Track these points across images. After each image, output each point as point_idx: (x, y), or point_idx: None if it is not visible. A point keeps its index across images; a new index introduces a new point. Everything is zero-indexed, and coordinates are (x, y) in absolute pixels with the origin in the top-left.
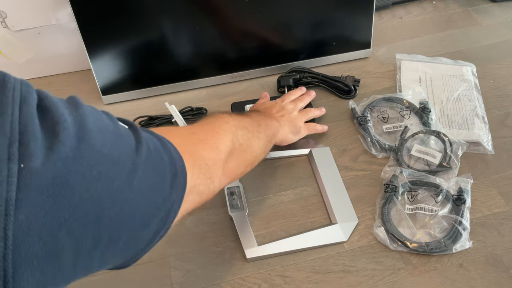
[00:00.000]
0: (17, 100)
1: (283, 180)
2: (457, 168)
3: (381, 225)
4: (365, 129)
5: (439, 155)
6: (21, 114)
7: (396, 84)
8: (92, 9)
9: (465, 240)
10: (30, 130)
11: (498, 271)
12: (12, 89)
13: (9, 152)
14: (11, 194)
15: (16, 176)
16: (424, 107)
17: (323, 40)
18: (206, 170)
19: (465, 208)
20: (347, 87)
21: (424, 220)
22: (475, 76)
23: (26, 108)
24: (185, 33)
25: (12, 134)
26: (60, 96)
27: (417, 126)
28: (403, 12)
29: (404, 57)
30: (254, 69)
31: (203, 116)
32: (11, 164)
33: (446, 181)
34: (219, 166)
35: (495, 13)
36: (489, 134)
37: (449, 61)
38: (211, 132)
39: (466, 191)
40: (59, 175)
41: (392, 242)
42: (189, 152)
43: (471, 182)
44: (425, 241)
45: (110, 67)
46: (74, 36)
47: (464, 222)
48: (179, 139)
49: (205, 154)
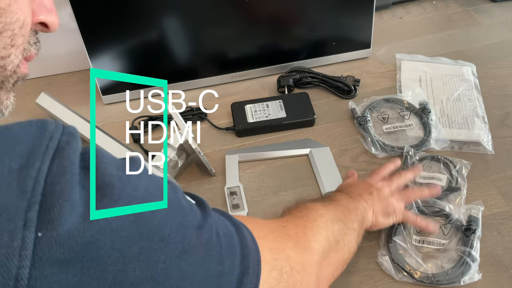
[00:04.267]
0: (51, 151)
1: (283, 180)
2: (465, 187)
3: (386, 253)
4: (365, 129)
5: (444, 177)
6: (51, 169)
7: (396, 84)
8: (92, 9)
9: (474, 272)
10: (57, 190)
11: (498, 271)
12: (49, 137)
13: (26, 217)
14: (23, 272)
15: (32, 248)
16: (424, 108)
17: (323, 40)
18: (290, 276)
19: (475, 238)
20: (347, 87)
21: (431, 251)
22: (475, 76)
23: (59, 161)
24: (185, 33)
25: (34, 195)
26: (60, 96)
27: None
28: (403, 12)
29: (404, 57)
30: (254, 69)
31: (203, 116)
32: (26, 232)
33: (456, 208)
34: (311, 271)
35: (495, 13)
36: (489, 134)
37: (449, 61)
38: (303, 228)
39: (476, 220)
40: (90, 249)
41: (397, 272)
42: (271, 249)
43: (482, 209)
44: (432, 272)
45: (110, 67)
46: (74, 36)
47: (473, 254)
48: (261, 230)
49: (292, 255)
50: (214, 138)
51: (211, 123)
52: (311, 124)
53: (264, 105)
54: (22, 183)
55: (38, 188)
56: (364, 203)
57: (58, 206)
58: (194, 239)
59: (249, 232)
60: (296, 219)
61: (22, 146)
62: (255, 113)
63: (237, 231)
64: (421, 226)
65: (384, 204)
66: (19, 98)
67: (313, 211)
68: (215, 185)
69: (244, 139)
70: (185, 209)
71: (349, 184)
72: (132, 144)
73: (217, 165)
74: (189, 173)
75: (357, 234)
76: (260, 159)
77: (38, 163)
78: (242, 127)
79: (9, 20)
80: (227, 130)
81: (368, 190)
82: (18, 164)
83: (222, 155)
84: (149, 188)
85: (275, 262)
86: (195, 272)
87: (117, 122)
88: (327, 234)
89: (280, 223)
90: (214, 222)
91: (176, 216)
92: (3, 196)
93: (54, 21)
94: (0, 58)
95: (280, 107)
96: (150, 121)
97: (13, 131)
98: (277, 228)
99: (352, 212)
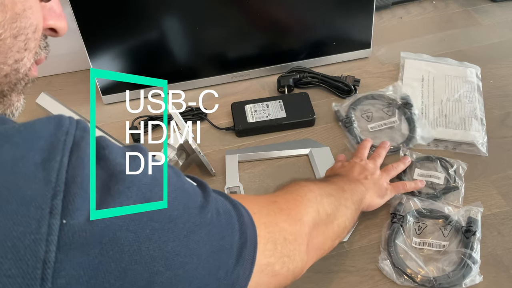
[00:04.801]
0: (69, 145)
1: (283, 180)
2: (463, 187)
3: (387, 257)
4: (351, 131)
5: (442, 175)
6: (70, 161)
7: (398, 83)
8: (92, 9)
9: (475, 274)
10: (78, 182)
11: (498, 271)
12: (65, 133)
13: (52, 205)
14: (50, 255)
15: (57, 234)
16: (406, 103)
17: (323, 40)
18: (284, 246)
19: (475, 240)
20: (347, 87)
21: (432, 253)
22: (479, 79)
23: (77, 154)
24: (185, 33)
25: (58, 184)
26: (60, 96)
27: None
28: (403, 12)
29: (409, 55)
30: (254, 69)
31: (203, 116)
32: (52, 220)
33: (455, 210)
34: (301, 241)
35: (495, 13)
36: (485, 137)
37: (454, 62)
38: (294, 202)
39: (476, 221)
40: (108, 232)
41: (398, 276)
42: (266, 223)
43: (481, 210)
44: (433, 276)
45: (110, 67)
46: (74, 36)
47: (474, 256)
48: (256, 206)
49: (285, 227)
50: (214, 138)
51: (211, 123)
52: (311, 124)
53: (264, 105)
54: (47, 174)
55: (61, 178)
56: (362, 187)
57: (80, 195)
58: (198, 218)
59: (245, 209)
60: (287, 194)
61: (42, 141)
62: (255, 113)
63: (234, 209)
64: (410, 188)
65: (378, 186)
66: None
67: (304, 187)
68: (215, 185)
69: (244, 139)
70: (188, 191)
71: (342, 166)
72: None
73: (217, 165)
74: (189, 173)
75: (351, 211)
76: (260, 159)
77: (59, 156)
78: (242, 127)
79: (24, 25)
80: (227, 130)
81: (363, 174)
82: (41, 158)
83: (222, 155)
84: (155, 175)
85: (270, 235)
86: (200, 249)
87: (117, 122)
88: (317, 207)
89: (272, 198)
90: (215, 202)
91: (182, 199)
92: (31, 187)
93: (63, 26)
94: (14, 61)
95: (280, 107)
96: (150, 121)
97: (35, 127)
98: (270, 203)
99: (347, 191)
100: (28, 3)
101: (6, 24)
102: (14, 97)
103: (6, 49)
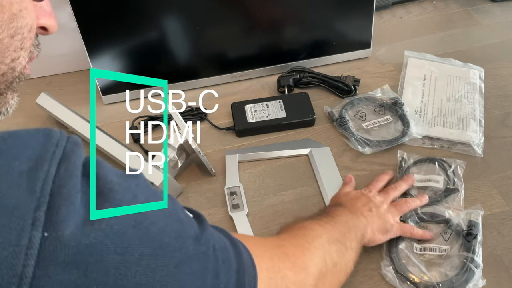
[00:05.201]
0: (58, 157)
1: (283, 180)
2: (463, 188)
3: (390, 264)
4: (347, 129)
5: (441, 179)
6: (58, 173)
7: (399, 81)
8: (92, 9)
9: (478, 278)
10: (64, 193)
11: (498, 271)
12: (55, 144)
13: (35, 216)
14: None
15: (38, 248)
16: (396, 101)
17: (323, 40)
18: None
19: (476, 243)
20: (347, 87)
21: (433, 258)
22: (482, 80)
23: (66, 166)
24: (185, 33)
25: (42, 194)
26: (60, 96)
27: (397, 125)
28: (403, 12)
29: (413, 54)
30: (254, 69)
31: (203, 116)
32: (34, 232)
33: (455, 213)
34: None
35: (495, 13)
36: (482, 138)
37: (458, 63)
38: (301, 248)
39: (476, 224)
40: (94, 252)
41: (401, 282)
42: (268, 268)
43: (482, 213)
44: (436, 281)
45: (110, 67)
46: (74, 36)
47: (476, 259)
48: (258, 248)
49: (289, 275)
50: (214, 138)
51: (211, 123)
52: (311, 124)
53: (264, 105)
54: (31, 184)
55: (46, 188)
56: (363, 220)
57: (65, 208)
58: (191, 249)
59: (246, 249)
60: (294, 239)
61: (30, 151)
62: (255, 113)
63: (234, 248)
64: (417, 235)
65: (382, 220)
66: (19, 98)
67: (311, 231)
68: (215, 185)
69: (244, 139)
70: (183, 220)
71: (347, 195)
72: (132, 144)
73: (217, 165)
74: (189, 173)
75: (355, 253)
76: (260, 159)
77: (46, 166)
78: (242, 127)
79: (20, 25)
80: (227, 130)
81: (367, 206)
82: (27, 167)
83: (222, 155)
84: (149, 198)
85: (271, 281)
86: (191, 283)
87: (117, 122)
88: (324, 256)
89: (277, 242)
90: (211, 236)
91: (175, 226)
92: (14, 196)
93: (53, 24)
94: (11, 60)
95: (280, 107)
96: (150, 121)
97: (21, 136)
98: (275, 247)
99: (352, 230)
100: (24, 3)
101: (3, 24)
102: (9, 95)
103: (4, 49)
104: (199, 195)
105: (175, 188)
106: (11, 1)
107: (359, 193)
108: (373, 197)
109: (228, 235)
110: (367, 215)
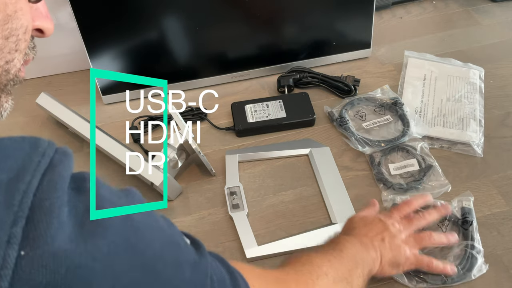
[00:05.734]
0: (43, 167)
1: (283, 180)
2: (435, 161)
3: None
4: (347, 129)
5: (414, 161)
6: (41, 185)
7: (399, 81)
8: (92, 9)
9: (481, 264)
10: (45, 206)
11: (498, 271)
12: (41, 154)
13: (11, 233)
14: None
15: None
16: (396, 101)
17: (323, 40)
18: None
19: (473, 229)
20: (347, 87)
21: (436, 251)
22: (482, 80)
23: (51, 178)
24: (185, 33)
25: (21, 208)
26: (60, 96)
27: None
28: (403, 12)
29: (413, 54)
30: (254, 69)
31: (203, 116)
32: (9, 250)
33: (446, 202)
34: None
35: (495, 13)
36: (482, 138)
37: (458, 63)
38: (304, 286)
39: (469, 210)
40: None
41: (409, 280)
42: None
43: (472, 199)
44: None
45: (110, 67)
46: (74, 36)
47: (476, 245)
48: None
49: None
50: (214, 138)
51: (211, 123)
52: (311, 124)
53: (264, 105)
54: (9, 196)
55: (26, 202)
56: (373, 253)
57: (45, 223)
58: (187, 276)
59: (245, 281)
60: (298, 275)
61: (12, 160)
62: (255, 113)
63: (231, 280)
64: (437, 270)
65: (395, 253)
66: (19, 98)
67: (317, 268)
68: (215, 185)
69: (244, 139)
70: (180, 245)
71: (363, 219)
72: (132, 144)
73: (217, 165)
74: (189, 173)
75: None
76: (260, 159)
77: (28, 177)
78: (242, 127)
79: (15, 26)
80: (227, 130)
81: (381, 235)
82: (7, 178)
83: (222, 155)
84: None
85: None
86: None
87: (117, 122)
88: None
89: (280, 275)
90: (209, 265)
91: (171, 250)
92: None
93: (50, 27)
94: (5, 62)
95: (280, 107)
96: (150, 121)
97: (4, 145)
98: (277, 281)
99: (359, 265)
100: (19, 4)
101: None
102: (3, 98)
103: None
104: (199, 195)
105: (175, 188)
106: (5, 2)
107: (376, 218)
108: (391, 225)
109: (225, 263)
110: (378, 246)
